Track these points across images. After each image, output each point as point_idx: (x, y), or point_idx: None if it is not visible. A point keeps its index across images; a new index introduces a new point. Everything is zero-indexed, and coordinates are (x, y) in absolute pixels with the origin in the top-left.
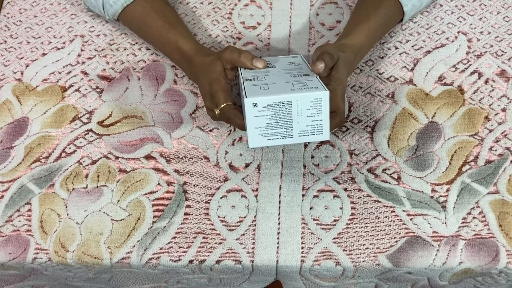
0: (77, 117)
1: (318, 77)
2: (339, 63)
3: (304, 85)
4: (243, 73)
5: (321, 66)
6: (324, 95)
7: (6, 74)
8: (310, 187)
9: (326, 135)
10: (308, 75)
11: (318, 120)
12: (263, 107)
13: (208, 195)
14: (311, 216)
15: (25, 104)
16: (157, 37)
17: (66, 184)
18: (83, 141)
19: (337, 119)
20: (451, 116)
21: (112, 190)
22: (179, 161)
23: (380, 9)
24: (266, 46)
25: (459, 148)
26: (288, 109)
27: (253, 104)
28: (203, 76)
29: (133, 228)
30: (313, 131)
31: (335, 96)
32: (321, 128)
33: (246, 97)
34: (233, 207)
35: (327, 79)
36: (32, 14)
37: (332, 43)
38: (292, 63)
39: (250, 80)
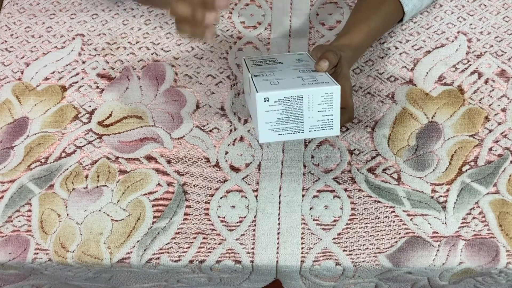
0: (77, 117)
1: (326, 72)
2: (342, 60)
3: (315, 80)
4: (251, 69)
5: (325, 64)
6: (335, 89)
7: (6, 74)
8: (310, 187)
9: (336, 130)
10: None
11: (329, 115)
12: (274, 102)
13: (208, 195)
14: (311, 216)
15: (25, 104)
16: None
17: (66, 184)
18: (83, 141)
19: (346, 115)
20: (451, 116)
21: (112, 190)
22: (179, 161)
23: (381, 9)
24: (266, 46)
25: (459, 148)
26: (300, 104)
27: (264, 98)
28: None
29: (133, 228)
30: (324, 126)
31: (344, 92)
32: (331, 123)
33: (257, 92)
34: (233, 207)
35: (333, 76)
36: (32, 14)
37: (331, 43)
38: (298, 59)
39: (259, 75)
